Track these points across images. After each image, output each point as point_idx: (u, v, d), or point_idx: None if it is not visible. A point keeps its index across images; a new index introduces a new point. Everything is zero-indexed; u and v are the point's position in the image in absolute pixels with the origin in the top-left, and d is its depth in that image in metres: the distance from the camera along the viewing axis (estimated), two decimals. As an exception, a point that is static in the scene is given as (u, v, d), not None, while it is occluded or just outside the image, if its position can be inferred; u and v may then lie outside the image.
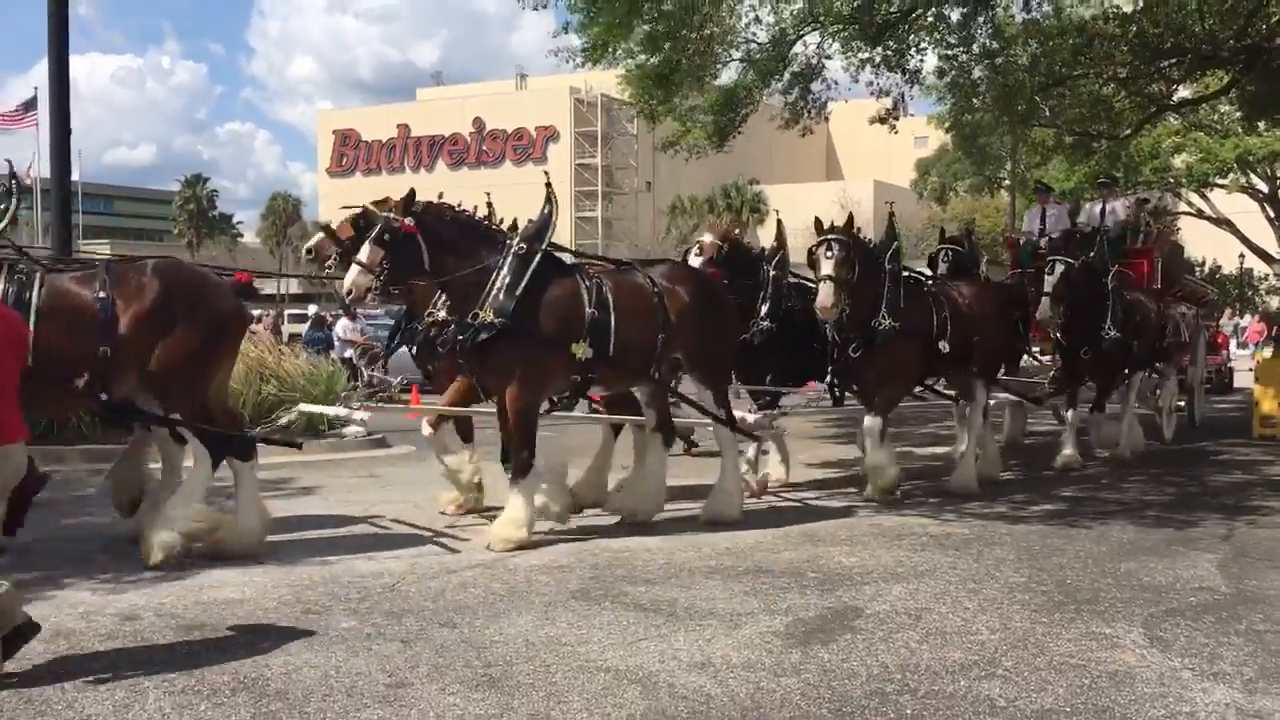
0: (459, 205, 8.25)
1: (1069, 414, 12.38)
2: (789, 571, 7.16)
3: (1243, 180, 39.47)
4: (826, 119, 19.56)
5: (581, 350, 7.90)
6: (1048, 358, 14.38)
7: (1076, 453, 12.19)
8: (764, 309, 10.27)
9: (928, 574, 7.13)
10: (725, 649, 5.52)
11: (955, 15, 16.80)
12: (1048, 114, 20.77)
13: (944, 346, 9.95)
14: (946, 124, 24.27)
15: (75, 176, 22.10)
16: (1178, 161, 35.96)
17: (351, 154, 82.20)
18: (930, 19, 16.80)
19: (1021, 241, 14.55)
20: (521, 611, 6.15)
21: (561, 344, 7.88)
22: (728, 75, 17.72)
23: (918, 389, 11.05)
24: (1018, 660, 5.38)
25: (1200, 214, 43.92)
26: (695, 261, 10.18)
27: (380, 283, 7.67)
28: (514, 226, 8.40)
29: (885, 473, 9.78)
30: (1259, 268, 46.23)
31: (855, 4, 15.73)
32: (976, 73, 18.80)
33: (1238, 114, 26.12)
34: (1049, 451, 12.71)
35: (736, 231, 11.62)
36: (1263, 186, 41.93)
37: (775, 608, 6.29)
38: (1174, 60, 18.78)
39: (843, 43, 16.96)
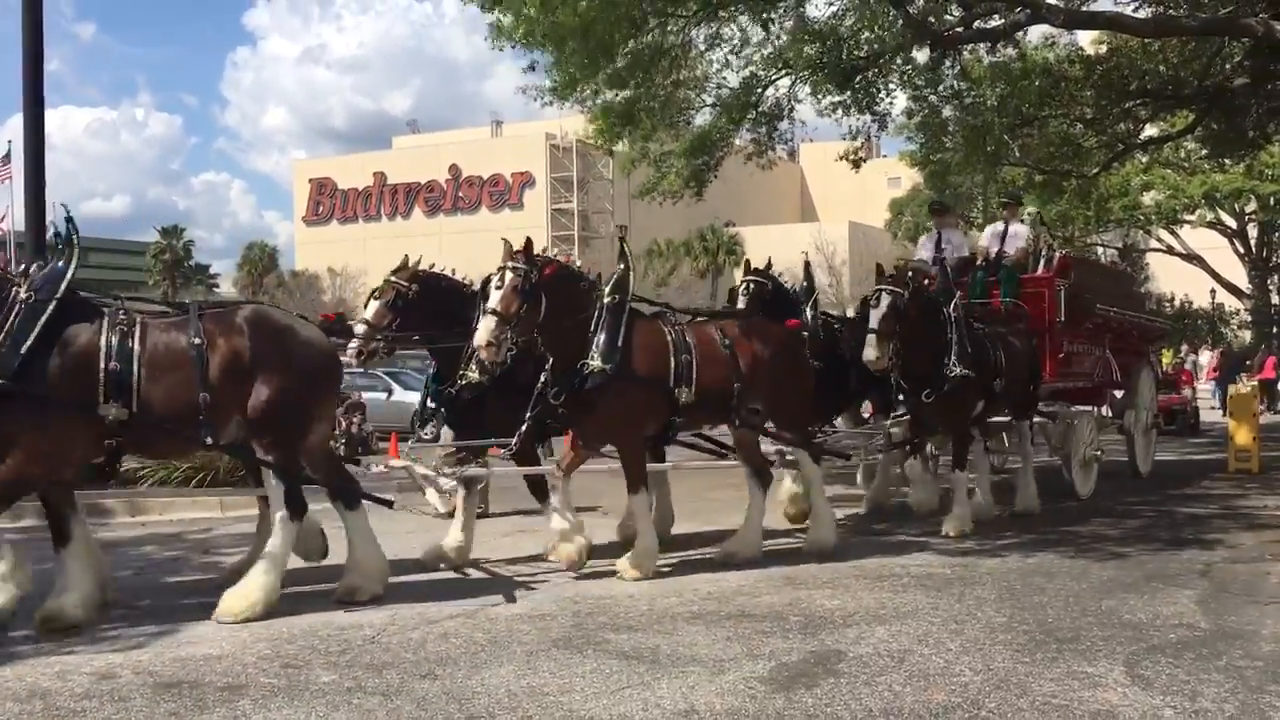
0: None
1: (912, 464, 11.14)
2: (771, 615, 7.15)
3: (1210, 216, 40.06)
4: (792, 155, 19.73)
5: (114, 412, 6.85)
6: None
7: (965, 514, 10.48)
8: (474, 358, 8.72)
9: (910, 615, 7.13)
10: (709, 696, 5.50)
11: (922, 58, 17.06)
12: (1016, 153, 21.08)
13: (683, 394, 8.58)
14: (917, 161, 24.57)
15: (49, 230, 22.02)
16: (1146, 199, 36.48)
17: (328, 202, 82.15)
18: (898, 62, 17.06)
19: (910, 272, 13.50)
20: (503, 661, 6.11)
21: (74, 404, 6.85)
22: (700, 120, 17.93)
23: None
24: (1001, 701, 5.38)
25: (1170, 250, 44.54)
26: (373, 307, 9.05)
27: None
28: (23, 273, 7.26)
29: (567, 545, 8.37)
30: (1230, 303, 46.74)
31: (824, 49, 15.96)
32: (946, 112, 19.09)
33: (1203, 152, 26.55)
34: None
35: (433, 267, 9.60)
36: (1231, 222, 42.57)
37: (758, 653, 6.27)
38: (1139, 100, 19.14)
39: (813, 86, 17.19)
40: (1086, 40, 21.14)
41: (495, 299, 7.97)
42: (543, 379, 8.50)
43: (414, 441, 10.21)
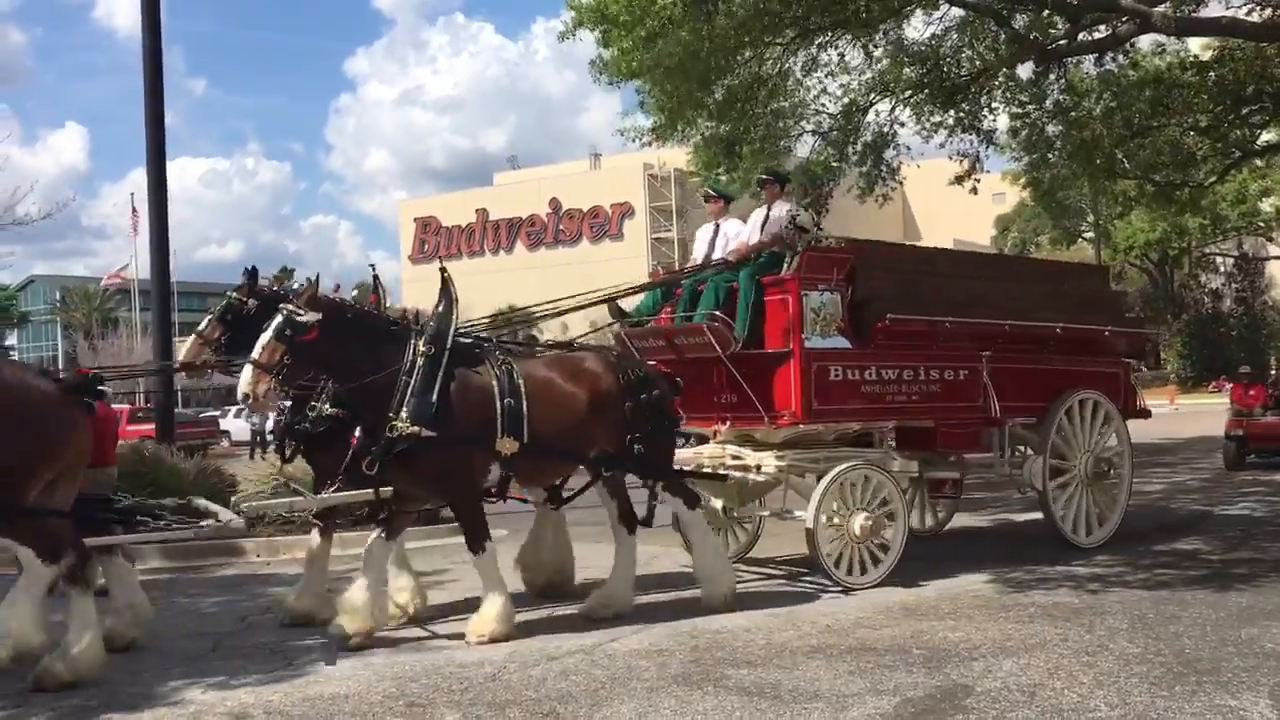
0: None
1: (373, 547, 7.87)
2: (893, 649, 7.02)
3: (1336, 221, 38.52)
4: (901, 183, 19.57)
5: None
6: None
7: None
8: None
9: (1038, 647, 6.93)
10: (834, 733, 5.41)
11: (1026, 74, 16.77)
12: (1127, 165, 20.54)
13: None
14: (1022, 180, 24.11)
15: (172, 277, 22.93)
16: (1265, 205, 35.28)
17: (433, 240, 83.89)
18: (1001, 78, 16.80)
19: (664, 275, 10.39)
20: (624, 699, 6.09)
21: None
22: (801, 150, 17.90)
23: None
24: (1140, 738, 5.19)
25: (1293, 257, 42.89)
26: None
27: None
28: None
29: None
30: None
31: (925, 69, 15.81)
32: (1050, 129, 18.73)
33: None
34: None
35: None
36: (1358, 226, 40.86)
37: (882, 688, 6.16)
38: (1255, 106, 18.54)
39: (914, 108, 17.03)
40: (1198, 45, 20.56)
41: None
42: None
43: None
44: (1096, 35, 15.77)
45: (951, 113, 16.42)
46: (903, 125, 17.39)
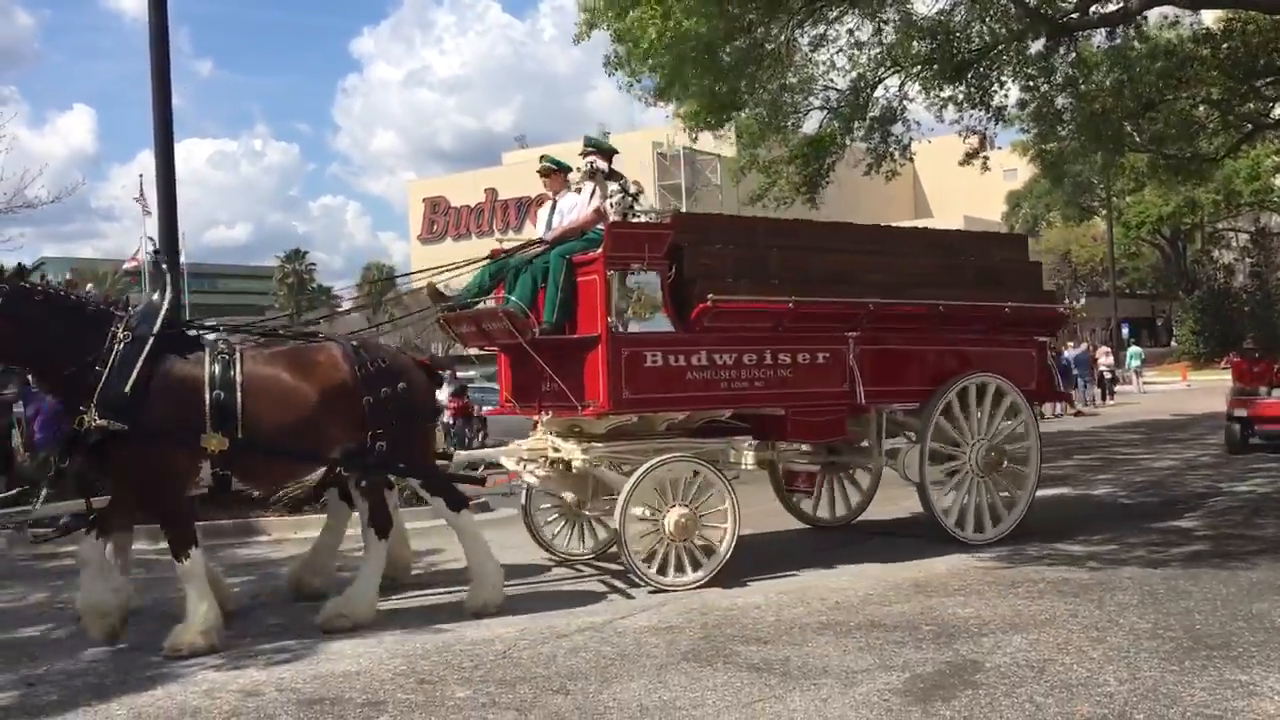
0: None
1: (87, 547, 7.22)
2: (902, 625, 7.03)
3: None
4: (911, 159, 19.47)
5: None
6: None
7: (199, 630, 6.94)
8: None
9: (1048, 623, 6.93)
10: (843, 709, 5.42)
11: (1036, 47, 16.64)
12: (1137, 139, 20.42)
13: None
14: (1030, 152, 23.98)
15: (181, 258, 22.94)
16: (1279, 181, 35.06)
17: (441, 220, 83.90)
18: (1010, 53, 16.69)
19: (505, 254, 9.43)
20: (634, 676, 6.12)
21: None
22: (809, 125, 17.81)
23: None
24: (1150, 712, 5.19)
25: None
26: None
27: None
28: None
29: None
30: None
31: (933, 45, 15.71)
32: (1060, 101, 18.61)
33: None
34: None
35: None
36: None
37: (891, 664, 6.17)
38: (1268, 80, 18.42)
39: (923, 84, 16.94)
40: (1210, 19, 20.40)
41: None
42: None
43: None
44: (1109, 8, 15.66)
45: (960, 87, 16.33)
46: (911, 101, 17.33)
